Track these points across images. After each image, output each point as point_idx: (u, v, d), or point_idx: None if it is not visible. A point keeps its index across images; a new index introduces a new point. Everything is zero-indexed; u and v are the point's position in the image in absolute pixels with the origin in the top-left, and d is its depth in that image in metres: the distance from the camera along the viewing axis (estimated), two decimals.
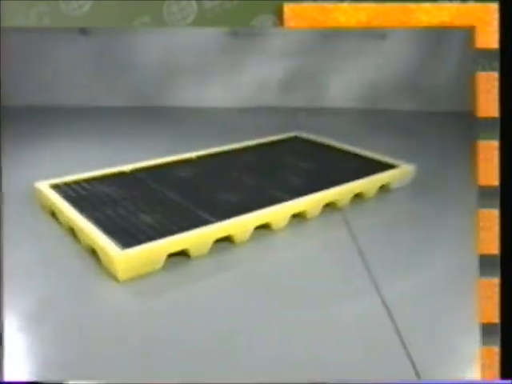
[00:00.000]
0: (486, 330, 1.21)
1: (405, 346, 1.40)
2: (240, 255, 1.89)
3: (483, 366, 1.20)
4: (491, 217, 1.23)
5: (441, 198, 2.50)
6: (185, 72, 4.23)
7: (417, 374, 1.30)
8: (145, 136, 3.40)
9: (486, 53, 1.23)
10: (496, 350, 1.19)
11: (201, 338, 1.41)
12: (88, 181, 2.32)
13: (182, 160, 2.65)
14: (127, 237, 1.79)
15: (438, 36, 4.28)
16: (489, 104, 1.23)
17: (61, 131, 3.41)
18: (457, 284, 1.73)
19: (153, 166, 2.54)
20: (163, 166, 2.56)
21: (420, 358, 1.35)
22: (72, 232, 1.98)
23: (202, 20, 1.25)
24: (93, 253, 1.83)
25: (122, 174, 2.43)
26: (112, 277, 1.70)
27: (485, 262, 1.24)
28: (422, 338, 1.45)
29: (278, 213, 2.08)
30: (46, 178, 2.33)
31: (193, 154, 2.74)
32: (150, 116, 3.98)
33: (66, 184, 2.27)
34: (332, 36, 4.22)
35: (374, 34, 4.23)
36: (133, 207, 2.06)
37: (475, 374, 1.27)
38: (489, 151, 1.24)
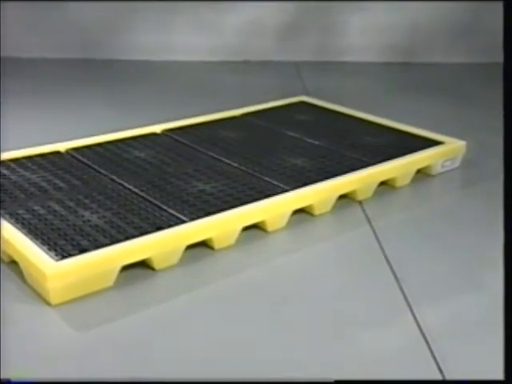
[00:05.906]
0: None
1: None
2: (221, 265, 1.91)
3: None
4: None
5: (498, 189, 2.48)
6: (145, 11, 4.20)
7: None
8: (90, 100, 3.41)
9: None
10: None
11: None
12: (7, 164, 2.31)
13: (141, 135, 2.66)
14: (64, 243, 1.79)
15: None
16: None
17: None
18: None
19: (99, 144, 2.54)
20: (114, 143, 2.56)
21: None
22: None
23: None
24: (13, 265, 1.82)
25: (55, 155, 2.42)
26: (41, 299, 1.69)
27: None
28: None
29: (274, 208, 2.09)
30: None
31: (156, 127, 2.75)
32: (97, 72, 3.99)
33: None
34: None
35: None
36: (72, 201, 2.05)
37: None
38: None
